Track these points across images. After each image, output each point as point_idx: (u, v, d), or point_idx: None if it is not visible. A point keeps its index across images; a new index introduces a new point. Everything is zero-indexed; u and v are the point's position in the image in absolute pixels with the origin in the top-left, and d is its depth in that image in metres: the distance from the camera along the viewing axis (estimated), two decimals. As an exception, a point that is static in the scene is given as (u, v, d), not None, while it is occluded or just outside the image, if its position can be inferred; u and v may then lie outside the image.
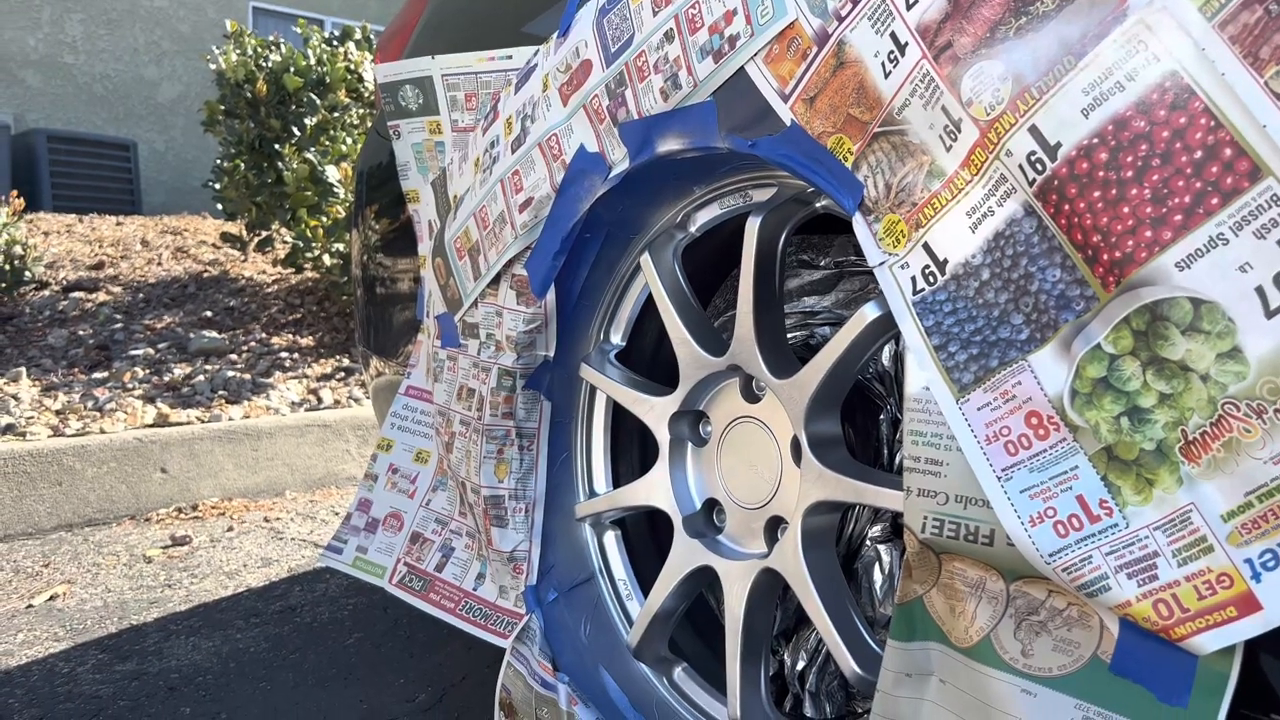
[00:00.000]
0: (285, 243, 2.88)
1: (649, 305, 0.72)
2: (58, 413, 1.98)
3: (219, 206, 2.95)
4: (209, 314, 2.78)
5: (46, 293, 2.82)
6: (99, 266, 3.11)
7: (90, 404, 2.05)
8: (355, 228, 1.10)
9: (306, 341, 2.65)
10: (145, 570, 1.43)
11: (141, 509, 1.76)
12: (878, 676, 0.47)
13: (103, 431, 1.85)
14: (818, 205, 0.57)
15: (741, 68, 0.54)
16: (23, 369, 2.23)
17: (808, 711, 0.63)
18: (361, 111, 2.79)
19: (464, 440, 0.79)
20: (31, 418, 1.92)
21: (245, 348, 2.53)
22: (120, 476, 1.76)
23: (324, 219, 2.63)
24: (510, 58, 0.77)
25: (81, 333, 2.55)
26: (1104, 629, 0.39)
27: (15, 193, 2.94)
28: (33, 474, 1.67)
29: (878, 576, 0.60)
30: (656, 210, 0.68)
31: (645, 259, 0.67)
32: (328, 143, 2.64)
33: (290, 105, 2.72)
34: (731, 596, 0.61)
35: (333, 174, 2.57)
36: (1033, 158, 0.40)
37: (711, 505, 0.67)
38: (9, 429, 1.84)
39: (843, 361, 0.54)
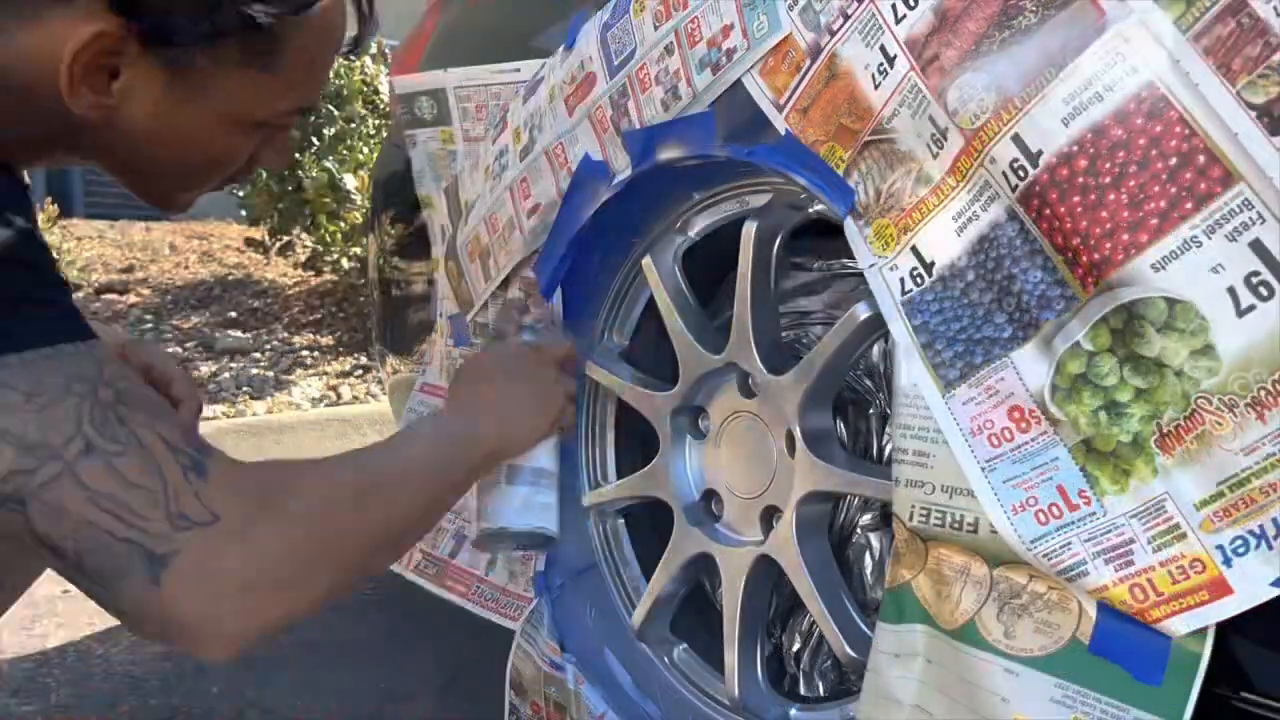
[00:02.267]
0: (306, 247, 2.94)
1: (651, 305, 0.74)
2: (90, 410, 2.05)
3: (243, 213, 3.03)
4: (234, 314, 2.85)
5: (80, 295, 2.91)
6: (129, 270, 3.20)
7: (120, 402, 2.12)
8: (372, 233, 1.14)
9: (326, 340, 2.72)
10: (174, 561, 1.48)
11: (170, 503, 1.81)
12: (869, 657, 0.49)
13: (133, 428, 1.92)
14: (811, 210, 0.59)
15: (738, 79, 0.56)
16: (56, 369, 2.31)
17: (803, 690, 0.65)
18: (377, 122, 2.83)
19: (475, 436, 0.82)
20: (65, 415, 1.99)
21: (268, 346, 2.60)
22: (150, 472, 1.82)
23: (342, 224, 2.69)
24: (518, 70, 0.80)
25: (112, 333, 2.63)
26: (1083, 612, 0.41)
27: (50, 199, 3.05)
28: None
29: (868, 563, 0.62)
30: (657, 215, 0.70)
31: (647, 262, 0.70)
32: (345, 152, 2.69)
33: (309, 116, 2.78)
34: (729, 582, 0.63)
35: (350, 182, 2.62)
36: (1015, 165, 0.41)
37: (710, 495, 0.69)
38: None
39: (834, 359, 0.55)
